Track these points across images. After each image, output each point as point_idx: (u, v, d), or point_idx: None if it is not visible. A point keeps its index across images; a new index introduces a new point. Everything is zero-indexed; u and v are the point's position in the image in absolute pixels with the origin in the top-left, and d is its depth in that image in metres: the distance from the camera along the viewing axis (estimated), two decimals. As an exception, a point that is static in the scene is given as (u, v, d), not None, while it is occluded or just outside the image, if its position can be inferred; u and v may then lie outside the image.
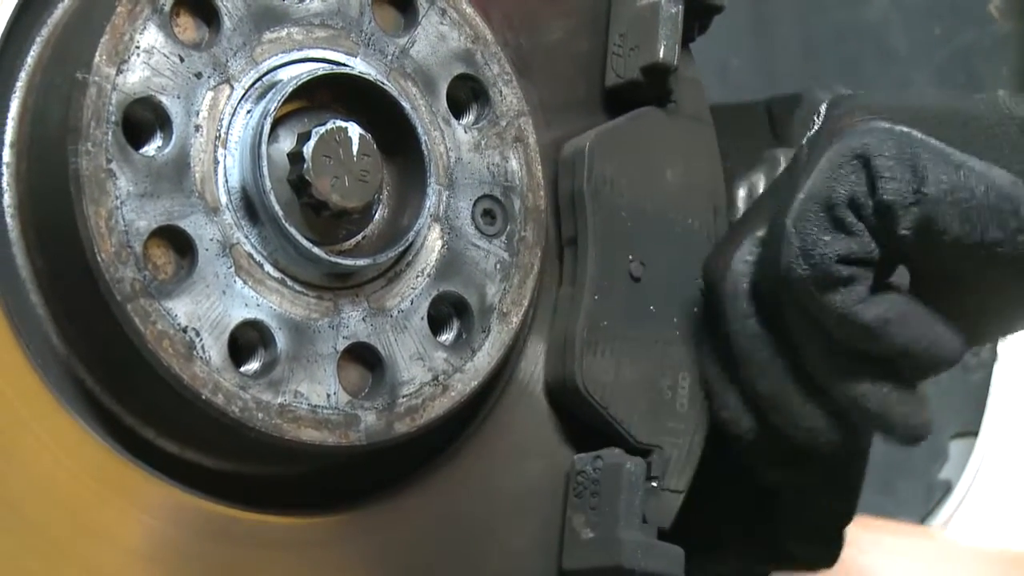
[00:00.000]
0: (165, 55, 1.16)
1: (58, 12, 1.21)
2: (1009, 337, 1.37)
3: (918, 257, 1.22)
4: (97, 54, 1.14)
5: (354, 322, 1.21)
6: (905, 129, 1.19)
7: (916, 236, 1.19)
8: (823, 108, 1.27)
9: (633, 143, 1.36)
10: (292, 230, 1.16)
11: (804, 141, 1.27)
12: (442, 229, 1.26)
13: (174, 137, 1.16)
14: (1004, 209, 1.17)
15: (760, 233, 1.27)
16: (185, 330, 1.14)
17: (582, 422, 1.32)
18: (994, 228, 1.17)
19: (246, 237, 1.17)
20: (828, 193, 1.20)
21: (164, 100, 1.15)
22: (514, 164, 1.30)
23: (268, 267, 1.18)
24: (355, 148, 1.18)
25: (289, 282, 1.18)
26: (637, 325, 1.33)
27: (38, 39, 1.20)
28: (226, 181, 1.17)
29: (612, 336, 1.32)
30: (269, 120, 1.16)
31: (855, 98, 1.26)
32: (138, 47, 1.15)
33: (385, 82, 1.23)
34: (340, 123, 1.18)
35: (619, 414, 1.31)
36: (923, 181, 1.17)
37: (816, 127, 1.26)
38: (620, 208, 1.34)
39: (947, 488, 2.35)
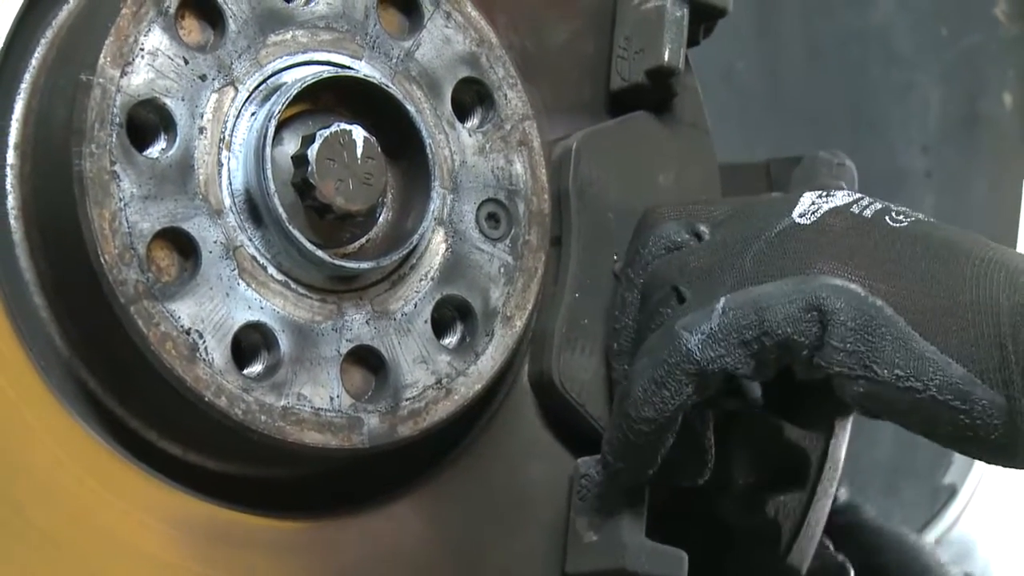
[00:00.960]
0: (169, 57, 1.16)
1: (62, 14, 1.21)
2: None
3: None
4: (101, 56, 1.13)
5: (357, 325, 1.21)
6: (877, 302, 1.13)
7: (858, 403, 1.16)
8: (840, 198, 1.22)
9: (622, 146, 1.36)
10: (296, 233, 1.15)
11: (802, 205, 1.22)
12: (446, 232, 1.26)
13: (178, 139, 1.16)
14: (955, 407, 1.12)
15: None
16: (188, 332, 1.14)
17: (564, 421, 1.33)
18: (943, 423, 1.13)
19: (250, 240, 1.17)
20: (771, 325, 1.15)
21: (168, 102, 1.15)
22: (518, 168, 1.30)
23: (272, 270, 1.17)
24: (359, 151, 1.18)
25: (292, 285, 1.18)
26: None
27: (42, 41, 1.20)
28: (230, 184, 1.17)
29: (593, 334, 1.32)
30: (273, 123, 1.16)
31: (864, 228, 1.19)
32: (142, 49, 1.15)
33: (390, 85, 1.23)
34: (344, 126, 1.18)
35: (596, 411, 1.31)
36: (877, 361, 1.13)
37: (816, 209, 1.21)
38: (607, 208, 1.34)
39: (952, 492, 2.35)
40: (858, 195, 1.22)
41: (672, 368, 1.18)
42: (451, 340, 1.26)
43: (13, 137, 1.18)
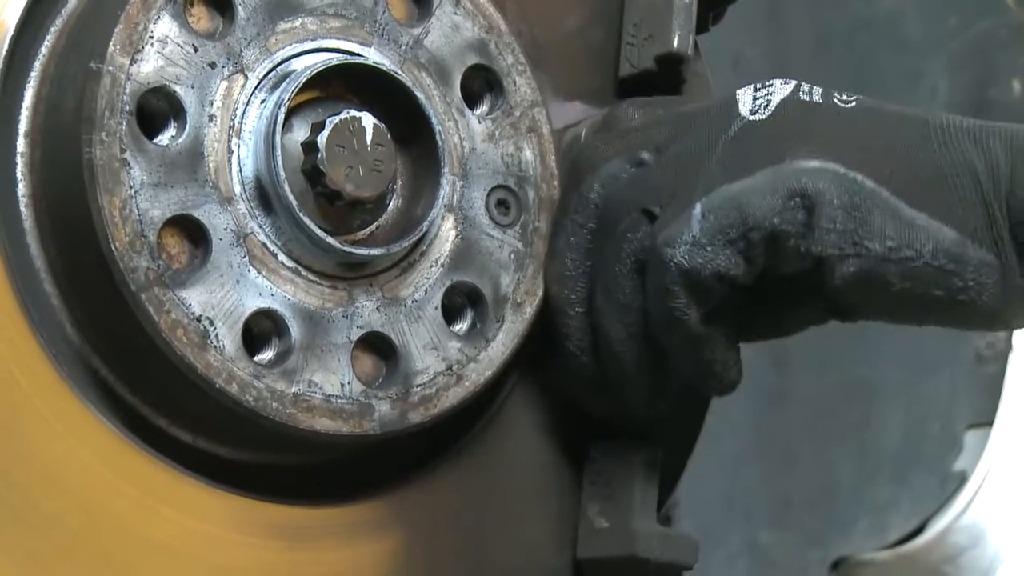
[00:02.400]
0: (179, 45, 1.16)
1: (72, 2, 1.21)
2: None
3: (837, 297, 1.18)
4: (111, 44, 1.14)
5: (368, 312, 1.21)
6: (858, 177, 1.13)
7: (848, 287, 1.15)
8: (782, 88, 1.20)
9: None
10: (306, 220, 1.16)
11: (747, 103, 1.21)
12: (456, 219, 1.26)
13: (188, 127, 1.16)
14: (950, 270, 1.12)
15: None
16: (199, 319, 1.14)
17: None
18: (937, 288, 1.13)
19: (260, 227, 1.17)
20: (755, 219, 1.14)
21: (178, 90, 1.15)
22: (528, 154, 1.30)
23: (282, 257, 1.18)
24: (369, 138, 1.18)
25: (303, 272, 1.18)
26: None
27: (52, 29, 1.20)
28: (240, 171, 1.17)
29: None
30: (283, 110, 1.16)
31: (819, 112, 1.18)
32: (152, 37, 1.15)
33: (399, 72, 1.23)
34: (354, 113, 1.18)
35: None
36: (868, 236, 1.12)
37: (765, 104, 1.20)
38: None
39: (962, 479, 2.35)
40: (793, 81, 1.20)
41: (669, 283, 1.16)
42: (461, 326, 1.26)
43: (23, 125, 1.18)
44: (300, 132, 1.20)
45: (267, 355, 1.18)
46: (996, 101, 2.44)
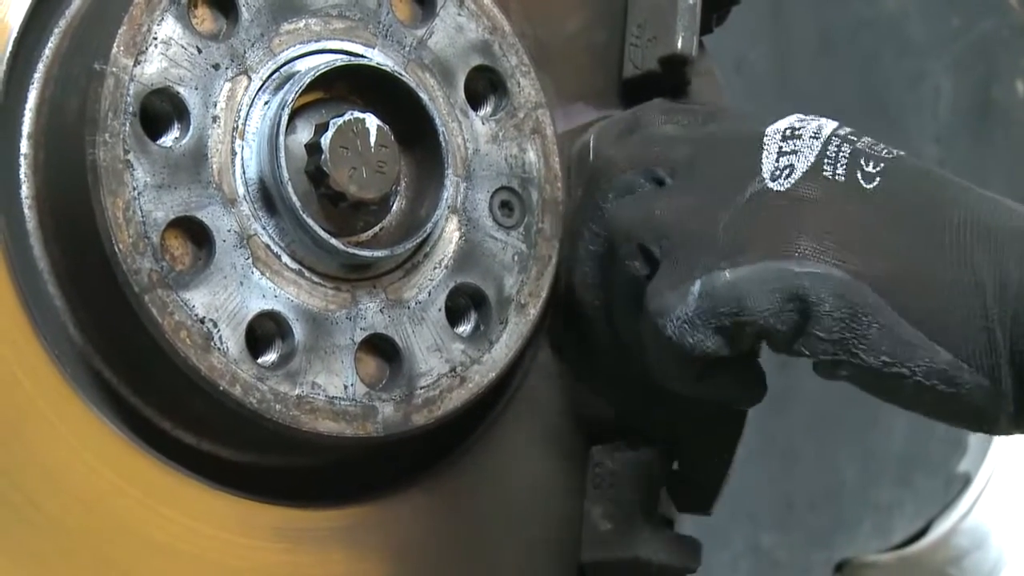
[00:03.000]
0: (183, 46, 1.16)
1: (76, 3, 1.21)
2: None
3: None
4: (115, 45, 1.13)
5: (371, 313, 1.21)
6: (862, 289, 1.10)
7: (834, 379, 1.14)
8: (809, 151, 1.16)
9: None
10: (309, 221, 1.15)
11: (770, 161, 1.17)
12: (460, 221, 1.26)
13: (191, 128, 1.16)
14: (941, 391, 1.09)
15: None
16: (203, 321, 1.14)
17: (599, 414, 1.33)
18: (926, 406, 1.11)
19: (263, 228, 1.17)
20: (750, 313, 1.12)
21: (182, 91, 1.15)
22: (532, 156, 1.30)
23: (285, 258, 1.17)
24: (373, 139, 1.18)
25: (306, 273, 1.18)
26: None
27: (56, 30, 1.20)
28: (243, 172, 1.17)
29: None
30: (287, 111, 1.16)
31: (839, 194, 1.14)
32: (156, 38, 1.15)
33: (403, 73, 1.23)
34: (358, 114, 1.18)
35: None
36: (863, 349, 1.10)
37: (787, 171, 1.16)
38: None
39: (966, 481, 2.35)
40: (824, 139, 1.16)
41: (659, 348, 1.16)
42: (465, 328, 1.26)
43: (27, 126, 1.18)
44: (304, 133, 1.19)
45: (271, 357, 1.17)
46: (999, 101, 2.44)
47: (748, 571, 2.26)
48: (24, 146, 1.18)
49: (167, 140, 1.16)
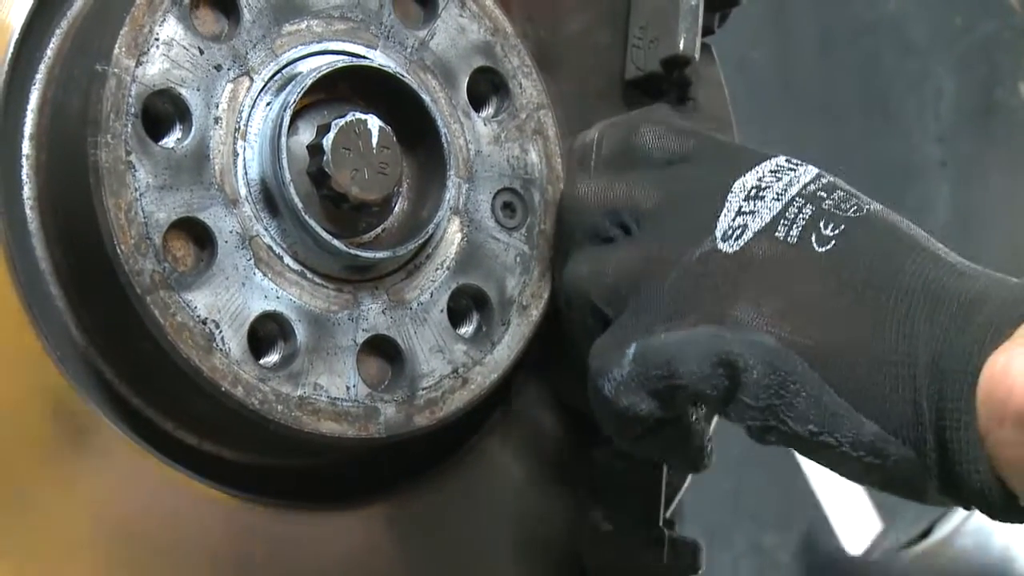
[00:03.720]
0: (185, 47, 1.16)
1: (78, 4, 1.21)
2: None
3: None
4: (116, 46, 1.13)
5: (374, 315, 1.21)
6: (791, 358, 1.09)
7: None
8: (766, 211, 1.15)
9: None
10: (312, 222, 1.15)
11: (726, 220, 1.16)
12: (462, 222, 1.26)
13: (193, 129, 1.16)
14: (867, 462, 1.08)
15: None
16: (205, 322, 1.14)
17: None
18: (856, 474, 1.10)
19: (265, 229, 1.17)
20: (681, 377, 1.11)
21: (184, 92, 1.15)
22: (534, 157, 1.30)
23: (288, 259, 1.17)
24: (375, 140, 1.18)
25: (309, 274, 1.18)
26: None
27: (57, 31, 1.20)
28: (245, 173, 1.17)
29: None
30: (289, 112, 1.16)
31: (787, 257, 1.13)
32: (157, 39, 1.15)
33: (405, 75, 1.23)
34: (360, 115, 1.18)
35: None
36: (790, 416, 1.09)
37: (739, 232, 1.15)
38: None
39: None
40: (787, 201, 1.15)
41: (599, 407, 1.17)
42: (467, 329, 1.26)
43: (28, 127, 1.18)
44: (306, 134, 1.19)
45: (273, 358, 1.17)
46: (1002, 102, 2.45)
47: (750, 571, 2.26)
48: (26, 147, 1.18)
49: (169, 141, 1.15)
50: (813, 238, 1.13)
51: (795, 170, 1.18)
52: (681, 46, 1.33)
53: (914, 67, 2.36)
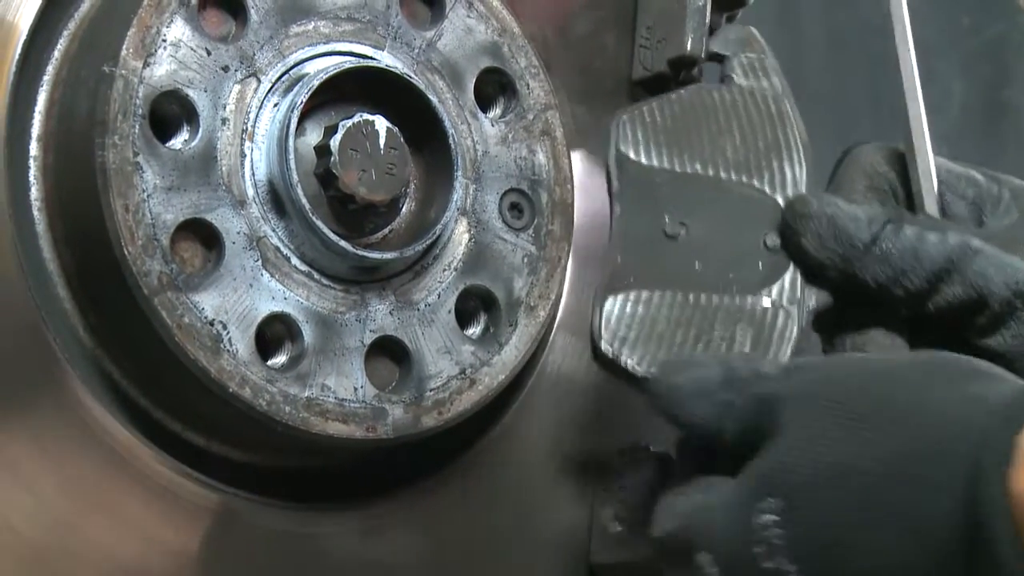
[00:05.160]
0: (192, 48, 1.16)
1: (85, 5, 1.21)
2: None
3: None
4: (124, 47, 1.13)
5: (381, 316, 1.20)
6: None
7: None
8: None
9: (672, 118, 1.33)
10: (319, 223, 1.15)
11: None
12: (469, 223, 1.26)
13: (201, 130, 1.16)
14: None
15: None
16: (212, 323, 1.14)
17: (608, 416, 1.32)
18: None
19: (273, 230, 1.17)
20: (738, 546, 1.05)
21: (191, 93, 1.15)
22: (541, 157, 1.29)
23: (295, 260, 1.17)
24: (382, 141, 1.18)
25: (316, 275, 1.18)
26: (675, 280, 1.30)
27: (65, 33, 1.20)
28: (253, 174, 1.17)
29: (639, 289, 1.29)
30: (296, 113, 1.16)
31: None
32: (165, 40, 1.15)
33: (412, 75, 1.23)
34: (367, 116, 1.18)
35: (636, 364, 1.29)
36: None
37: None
38: (653, 175, 1.30)
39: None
40: None
41: None
42: (475, 330, 1.26)
43: (36, 129, 1.18)
44: (313, 136, 1.19)
45: (280, 359, 1.17)
46: (1010, 103, 2.44)
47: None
48: (33, 149, 1.18)
49: (176, 142, 1.16)
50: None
51: None
52: (688, 46, 1.34)
53: (921, 68, 2.36)
